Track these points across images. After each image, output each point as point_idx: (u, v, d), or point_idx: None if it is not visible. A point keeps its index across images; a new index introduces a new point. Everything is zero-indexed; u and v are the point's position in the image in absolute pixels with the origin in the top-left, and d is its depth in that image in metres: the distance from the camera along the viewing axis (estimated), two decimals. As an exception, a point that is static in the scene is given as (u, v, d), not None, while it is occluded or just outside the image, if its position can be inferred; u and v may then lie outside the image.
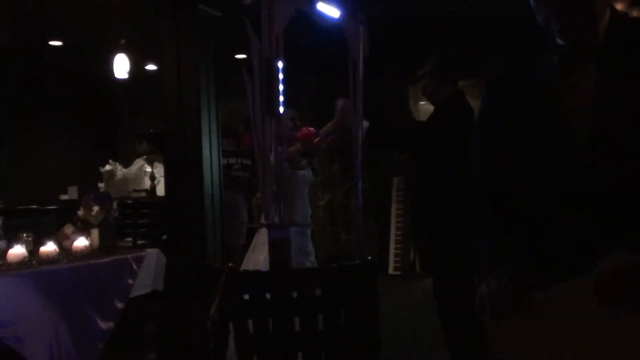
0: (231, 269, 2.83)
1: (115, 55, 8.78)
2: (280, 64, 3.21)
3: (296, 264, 4.86)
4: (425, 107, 13.30)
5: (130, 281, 5.63)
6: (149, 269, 5.87)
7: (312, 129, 5.24)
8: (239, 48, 9.14)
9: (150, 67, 10.18)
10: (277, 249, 3.16)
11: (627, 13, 6.86)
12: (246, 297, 2.84)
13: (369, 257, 3.00)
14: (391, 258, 11.08)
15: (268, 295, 2.84)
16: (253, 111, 3.13)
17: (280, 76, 3.20)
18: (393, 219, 11.27)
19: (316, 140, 5.15)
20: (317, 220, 11.01)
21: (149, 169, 8.03)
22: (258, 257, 5.58)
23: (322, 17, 3.80)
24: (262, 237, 5.64)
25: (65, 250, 5.42)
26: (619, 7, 7.07)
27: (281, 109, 3.20)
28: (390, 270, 10.99)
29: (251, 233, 7.55)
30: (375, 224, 11.45)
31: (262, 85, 3.12)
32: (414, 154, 5.14)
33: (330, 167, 11.50)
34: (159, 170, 7.76)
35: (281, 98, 3.19)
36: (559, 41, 2.19)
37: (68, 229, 5.72)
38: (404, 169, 11.37)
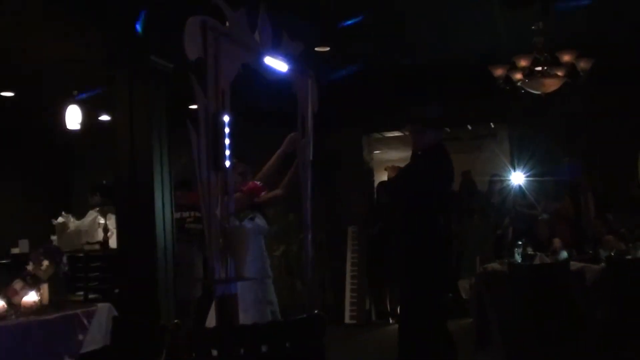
0: (177, 326, 2.79)
1: (67, 106, 8.73)
2: (226, 118, 3.21)
3: (258, 314, 4.86)
4: (379, 156, 13.41)
5: (80, 337, 5.52)
6: (100, 323, 5.76)
7: (258, 182, 5.23)
8: (193, 99, 9.13)
9: (104, 117, 10.13)
10: (224, 304, 3.12)
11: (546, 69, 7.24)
12: (192, 354, 2.80)
13: (316, 311, 2.98)
14: (347, 307, 11.02)
15: (214, 352, 2.80)
16: (199, 165, 3.12)
17: (227, 130, 3.20)
18: (348, 267, 11.24)
19: (263, 194, 5.14)
20: (272, 270, 10.93)
21: (102, 221, 7.95)
22: None
23: (270, 71, 3.82)
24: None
25: (14, 306, 5.31)
26: (523, 63, 7.36)
27: (227, 163, 3.19)
28: (346, 320, 10.93)
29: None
30: (330, 273, 11.42)
31: (208, 139, 3.11)
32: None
33: (286, 216, 11.48)
34: (113, 222, 7.68)
35: (227, 152, 3.19)
36: None
37: (17, 284, 5.60)
38: (359, 219, 11.40)
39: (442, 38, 8.47)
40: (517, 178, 10.49)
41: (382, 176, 11.08)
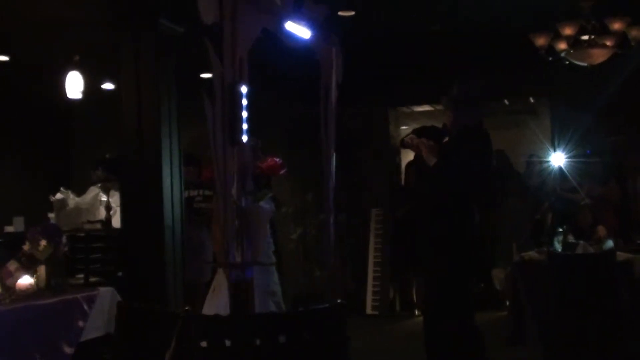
0: (187, 313, 2.82)
1: (67, 73, 8.76)
2: (244, 89, 3.22)
3: (259, 305, 4.88)
4: (406, 132, 13.36)
5: (80, 323, 5.58)
6: (102, 309, 5.82)
7: (277, 159, 5.24)
8: (205, 67, 9.15)
9: (107, 86, 10.16)
10: (239, 290, 3.15)
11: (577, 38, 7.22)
12: (204, 344, 2.83)
13: (339, 300, 3.00)
14: (369, 296, 11.06)
15: (228, 343, 2.83)
16: (214, 140, 3.13)
17: (244, 102, 3.21)
18: (371, 253, 11.26)
19: (282, 172, 5.16)
20: (288, 255, 10.98)
21: (104, 198, 7.98)
22: (220, 300, 5.56)
23: (291, 38, 3.82)
24: (223, 278, 5.64)
25: (7, 290, 5.36)
26: (568, 32, 7.29)
27: (244, 137, 3.21)
28: (368, 310, 10.97)
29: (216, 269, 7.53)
30: (351, 260, 11.44)
31: (224, 111, 3.13)
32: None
33: (303, 196, 11.50)
34: (116, 200, 7.71)
35: (245, 125, 3.20)
36: None
37: (12, 265, 5.65)
38: (384, 200, 11.39)
39: (477, 1, 8.41)
40: (558, 159, 10.44)
41: (410, 155, 11.06)
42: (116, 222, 7.51)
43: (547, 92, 11.06)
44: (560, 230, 7.53)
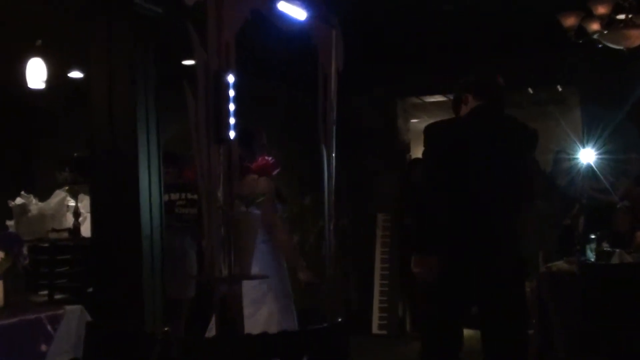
0: (166, 335, 2.83)
1: (28, 59, 8.75)
2: (231, 78, 3.22)
3: (283, 310, 5.07)
4: (416, 126, 13.38)
5: (43, 347, 5.57)
6: (69, 331, 5.81)
7: (269, 158, 5.24)
8: (187, 53, 9.16)
9: (75, 74, 10.15)
10: (225, 309, 3.15)
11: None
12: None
13: (340, 318, 3.01)
14: (375, 314, 11.06)
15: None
16: (197, 136, 3.14)
17: (231, 93, 3.21)
18: (377, 264, 11.26)
19: (275, 172, 5.17)
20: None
21: (72, 203, 7.99)
22: None
23: (284, 19, 3.83)
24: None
25: (-42, 309, 5.37)
26: (601, 10, 7.27)
27: (231, 134, 3.21)
28: (375, 329, 10.97)
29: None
30: (355, 271, 11.44)
31: (208, 104, 3.13)
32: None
33: (300, 200, 11.50)
34: (85, 205, 7.73)
35: (232, 120, 3.20)
36: None
37: (-37, 281, 5.67)
38: (391, 204, 11.39)
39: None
40: (589, 155, 10.45)
41: (419, 151, 11.07)
42: (86, 230, 7.52)
43: (577, 79, 11.06)
44: (594, 236, 7.54)
